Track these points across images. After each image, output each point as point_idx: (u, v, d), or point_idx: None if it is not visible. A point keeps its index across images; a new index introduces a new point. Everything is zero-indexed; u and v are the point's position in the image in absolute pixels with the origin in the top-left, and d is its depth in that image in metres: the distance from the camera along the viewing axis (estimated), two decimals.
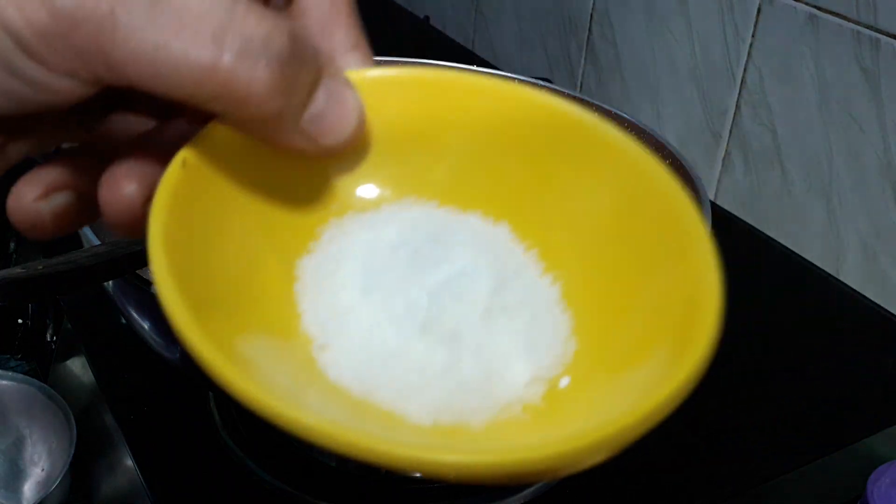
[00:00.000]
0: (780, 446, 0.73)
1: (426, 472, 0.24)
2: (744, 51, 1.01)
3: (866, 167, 0.90)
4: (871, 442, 0.75)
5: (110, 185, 0.30)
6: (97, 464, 0.73)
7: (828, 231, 0.96)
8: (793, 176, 0.98)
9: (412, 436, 0.28)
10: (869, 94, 0.89)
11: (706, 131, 1.08)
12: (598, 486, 0.67)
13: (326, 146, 0.31)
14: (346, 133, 0.31)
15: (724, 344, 0.32)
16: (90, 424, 0.74)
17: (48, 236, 0.32)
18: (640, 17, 1.13)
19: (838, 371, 0.82)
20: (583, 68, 1.26)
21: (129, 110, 0.33)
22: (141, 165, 0.30)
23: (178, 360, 0.56)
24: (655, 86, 1.13)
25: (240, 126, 0.30)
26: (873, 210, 0.91)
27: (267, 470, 0.65)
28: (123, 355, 0.76)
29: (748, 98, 1.01)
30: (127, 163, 0.30)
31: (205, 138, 0.30)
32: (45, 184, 0.32)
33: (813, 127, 0.95)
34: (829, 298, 0.93)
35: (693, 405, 0.84)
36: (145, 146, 0.31)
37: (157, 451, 0.68)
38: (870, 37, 0.87)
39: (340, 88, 0.31)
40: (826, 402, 0.78)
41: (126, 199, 0.30)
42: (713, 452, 0.72)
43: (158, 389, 0.74)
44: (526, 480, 0.54)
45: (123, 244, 0.51)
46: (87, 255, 0.48)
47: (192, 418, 0.70)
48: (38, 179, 0.32)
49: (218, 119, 0.30)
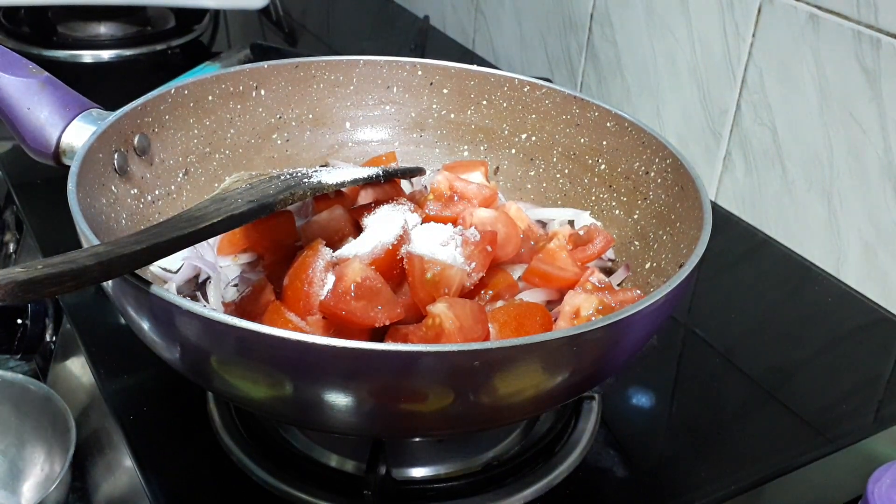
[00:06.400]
0: (780, 446, 0.73)
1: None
2: (744, 50, 1.00)
3: (867, 167, 0.90)
4: (871, 442, 0.75)
5: None
6: (97, 464, 0.73)
7: (828, 230, 0.96)
8: (793, 176, 0.98)
9: None
10: (869, 93, 0.88)
11: (706, 131, 1.08)
12: (598, 487, 0.67)
13: None
14: None
15: (724, 344, 0.32)
16: (90, 424, 0.74)
17: None
18: (641, 16, 1.13)
19: (838, 371, 0.82)
20: (583, 68, 1.25)
21: None
22: None
23: (178, 360, 0.56)
24: (656, 85, 1.13)
25: None
26: (873, 210, 0.91)
27: (266, 470, 0.65)
28: (123, 355, 0.76)
29: (748, 98, 1.01)
30: None
31: None
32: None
33: (813, 126, 0.95)
34: (829, 298, 0.93)
35: (693, 405, 0.85)
36: None
37: (156, 451, 0.68)
38: (870, 36, 0.87)
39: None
40: (826, 402, 0.78)
41: None
42: (713, 452, 0.72)
43: (158, 389, 0.74)
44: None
45: (123, 244, 0.51)
46: (86, 255, 0.48)
47: (191, 418, 0.70)
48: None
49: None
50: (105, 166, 0.67)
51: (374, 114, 0.87)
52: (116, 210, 0.68)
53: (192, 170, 0.78)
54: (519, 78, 0.84)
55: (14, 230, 1.00)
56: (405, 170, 0.77)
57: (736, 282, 0.95)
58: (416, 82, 0.87)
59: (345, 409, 0.52)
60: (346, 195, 0.76)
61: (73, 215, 0.58)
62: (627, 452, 0.71)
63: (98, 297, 0.84)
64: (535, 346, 0.50)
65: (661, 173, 0.74)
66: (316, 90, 0.85)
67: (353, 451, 0.67)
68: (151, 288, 0.52)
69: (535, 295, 0.71)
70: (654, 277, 0.71)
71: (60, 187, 0.60)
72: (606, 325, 0.53)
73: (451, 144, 0.88)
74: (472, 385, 0.52)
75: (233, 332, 0.50)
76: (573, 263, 0.71)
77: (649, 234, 0.74)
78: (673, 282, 0.57)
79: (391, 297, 0.61)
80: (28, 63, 0.71)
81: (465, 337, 0.58)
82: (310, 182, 0.67)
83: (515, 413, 0.59)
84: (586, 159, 0.81)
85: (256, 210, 0.61)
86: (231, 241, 0.73)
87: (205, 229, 0.56)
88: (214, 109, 0.79)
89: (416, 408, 0.53)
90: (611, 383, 0.76)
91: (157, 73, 1.31)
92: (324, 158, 0.86)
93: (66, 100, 0.70)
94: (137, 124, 0.72)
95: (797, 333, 0.87)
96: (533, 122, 0.84)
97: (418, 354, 0.49)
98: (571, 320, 0.65)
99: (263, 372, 0.52)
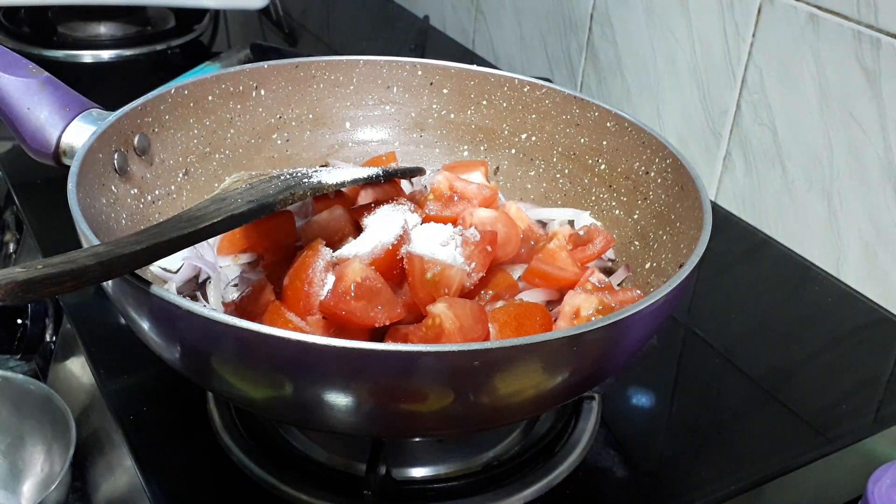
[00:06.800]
0: (780, 446, 0.73)
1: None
2: (744, 50, 1.00)
3: (867, 167, 0.90)
4: (871, 442, 0.75)
5: None
6: (97, 464, 0.73)
7: (828, 230, 0.96)
8: (793, 175, 0.98)
9: None
10: (869, 93, 0.88)
11: (706, 131, 1.08)
12: (598, 487, 0.67)
13: None
14: None
15: (724, 344, 0.32)
16: (90, 424, 0.74)
17: None
18: (641, 16, 1.13)
19: (838, 371, 0.82)
20: (583, 68, 1.25)
21: None
22: None
23: (178, 360, 0.56)
24: (656, 85, 1.13)
25: None
26: (873, 210, 0.91)
27: (266, 470, 0.65)
28: (123, 355, 0.76)
29: (748, 98, 1.01)
30: None
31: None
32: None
33: (813, 126, 0.95)
34: (829, 298, 0.93)
35: (693, 405, 0.85)
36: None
37: (156, 451, 0.68)
38: (870, 36, 0.87)
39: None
40: (826, 402, 0.78)
41: None
42: (713, 452, 0.72)
43: (158, 389, 0.74)
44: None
45: (123, 244, 0.51)
46: (87, 255, 0.48)
47: (191, 418, 0.70)
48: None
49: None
50: (105, 166, 0.67)
51: (374, 114, 0.87)
52: (116, 210, 0.68)
53: (192, 170, 0.78)
54: (519, 78, 0.84)
55: (14, 230, 1.00)
56: (405, 170, 0.77)
57: (736, 282, 0.95)
58: (416, 82, 0.87)
59: (345, 409, 0.52)
60: (346, 195, 0.76)
61: (73, 215, 0.58)
62: (627, 452, 0.71)
63: (98, 297, 0.84)
64: (535, 346, 0.50)
65: (661, 173, 0.74)
66: (316, 90, 0.85)
67: (353, 451, 0.67)
68: (151, 288, 0.52)
69: (535, 295, 0.71)
70: (654, 277, 0.71)
71: (60, 187, 0.60)
72: (606, 325, 0.53)
73: (451, 144, 0.88)
74: (472, 385, 0.52)
75: (233, 332, 0.50)
76: (573, 263, 0.71)
77: (649, 234, 0.74)
78: (673, 282, 0.57)
79: (391, 297, 0.61)
80: (28, 63, 0.71)
81: (465, 337, 0.58)
82: (310, 182, 0.67)
83: (515, 413, 0.59)
84: (586, 159, 0.81)
85: (256, 210, 0.61)
86: (231, 241, 0.73)
87: (205, 229, 0.56)
88: (214, 109, 0.79)
89: (416, 408, 0.53)
90: (611, 383, 0.76)
91: (157, 73, 1.31)
92: (324, 158, 0.86)
93: (66, 100, 0.70)
94: (137, 124, 0.72)
95: (797, 333, 0.87)
96: (533, 122, 0.84)
97: (418, 354, 0.49)
98: (571, 320, 0.65)
99: (263, 372, 0.52)
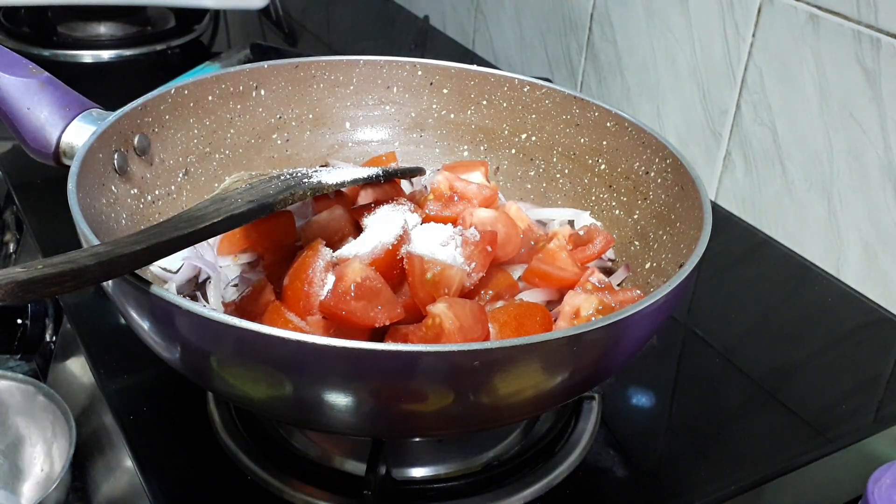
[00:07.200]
0: (780, 446, 0.73)
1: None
2: (744, 50, 1.00)
3: (867, 167, 0.90)
4: (871, 442, 0.75)
5: None
6: (97, 464, 0.73)
7: (828, 231, 0.96)
8: (793, 176, 0.98)
9: None
10: (869, 93, 0.88)
11: (706, 131, 1.08)
12: (598, 487, 0.67)
13: None
14: None
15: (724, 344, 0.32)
16: (90, 424, 0.74)
17: None
18: (641, 16, 1.13)
19: (838, 371, 0.82)
20: (583, 68, 1.25)
21: None
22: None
23: (178, 360, 0.56)
24: (656, 85, 1.13)
25: None
26: (873, 210, 0.91)
27: (266, 470, 0.65)
28: (123, 355, 0.76)
29: (748, 98, 1.01)
30: None
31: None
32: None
33: (813, 126, 0.95)
34: (829, 298, 0.93)
35: (693, 405, 0.85)
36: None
37: (156, 451, 0.68)
38: (870, 36, 0.87)
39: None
40: (826, 402, 0.78)
41: None
42: (713, 452, 0.72)
43: (158, 389, 0.74)
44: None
45: (123, 244, 0.51)
46: (87, 255, 0.48)
47: (191, 418, 0.70)
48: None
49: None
50: (105, 166, 0.68)
51: (374, 114, 0.87)
52: (116, 210, 0.68)
53: (192, 170, 0.78)
54: (519, 78, 0.84)
55: (14, 230, 1.00)
56: (405, 170, 0.77)
57: (736, 282, 0.95)
58: (416, 82, 0.87)
59: (345, 410, 0.52)
60: (346, 195, 0.76)
61: (73, 215, 0.58)
62: (627, 452, 0.71)
63: (98, 297, 0.84)
64: (535, 346, 0.50)
65: (661, 173, 0.74)
66: (316, 90, 0.85)
67: (353, 451, 0.67)
68: (151, 288, 0.52)
69: (535, 295, 0.71)
70: (654, 277, 0.71)
71: (60, 187, 0.60)
72: (606, 325, 0.53)
73: (451, 144, 0.88)
74: (472, 385, 0.52)
75: (233, 332, 0.50)
76: (573, 263, 0.71)
77: (649, 234, 0.74)
78: (673, 282, 0.57)
79: (391, 297, 0.61)
80: (28, 63, 0.71)
81: (465, 337, 0.58)
82: (310, 182, 0.67)
83: (515, 413, 0.59)
84: (586, 159, 0.81)
85: (256, 210, 0.61)
86: (231, 241, 0.73)
87: (205, 229, 0.56)
88: (214, 109, 0.79)
89: (416, 408, 0.53)
90: (611, 383, 0.76)
91: (157, 73, 1.32)
92: (324, 158, 0.86)
93: (66, 100, 0.70)
94: (137, 124, 0.72)
95: (797, 333, 0.87)
96: (533, 122, 0.84)
97: (418, 354, 0.49)
98: (571, 320, 0.65)
99: (263, 372, 0.52)
